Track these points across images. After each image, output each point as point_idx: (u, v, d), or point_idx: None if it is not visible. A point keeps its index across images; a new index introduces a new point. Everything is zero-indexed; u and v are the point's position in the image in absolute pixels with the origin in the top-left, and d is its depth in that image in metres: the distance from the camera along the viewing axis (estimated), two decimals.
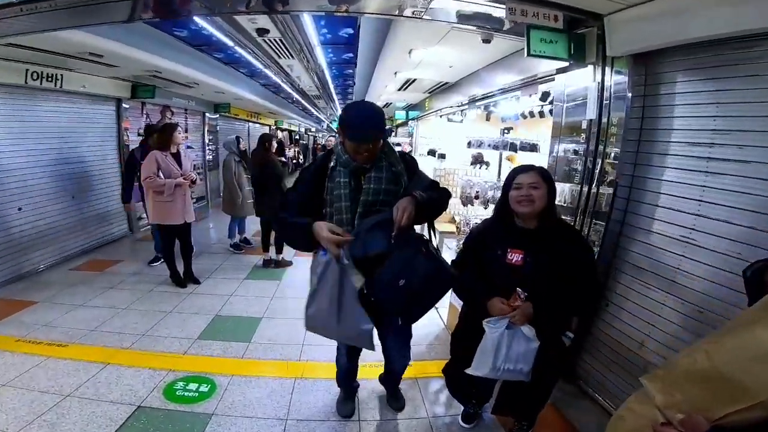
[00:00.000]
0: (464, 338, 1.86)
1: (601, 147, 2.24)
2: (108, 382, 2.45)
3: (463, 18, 2.37)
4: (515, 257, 1.63)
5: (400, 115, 8.74)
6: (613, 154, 2.18)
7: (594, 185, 2.30)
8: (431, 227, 1.83)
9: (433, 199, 1.64)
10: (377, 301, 1.55)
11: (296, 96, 9.19)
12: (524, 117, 3.85)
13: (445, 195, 1.78)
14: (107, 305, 3.53)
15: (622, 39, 2.03)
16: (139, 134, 6.00)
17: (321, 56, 5.60)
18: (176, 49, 4.77)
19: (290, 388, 2.50)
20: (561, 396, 2.35)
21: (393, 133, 11.40)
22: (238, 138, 5.01)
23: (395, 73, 5.06)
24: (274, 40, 4.71)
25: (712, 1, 1.55)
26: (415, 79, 5.44)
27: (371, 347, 1.65)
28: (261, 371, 2.66)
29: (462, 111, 5.49)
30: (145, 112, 6.25)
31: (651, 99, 2.05)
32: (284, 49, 5.15)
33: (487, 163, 4.59)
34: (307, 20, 3.68)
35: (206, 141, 8.48)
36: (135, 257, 4.92)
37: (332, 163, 1.64)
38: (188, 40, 4.82)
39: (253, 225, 6.05)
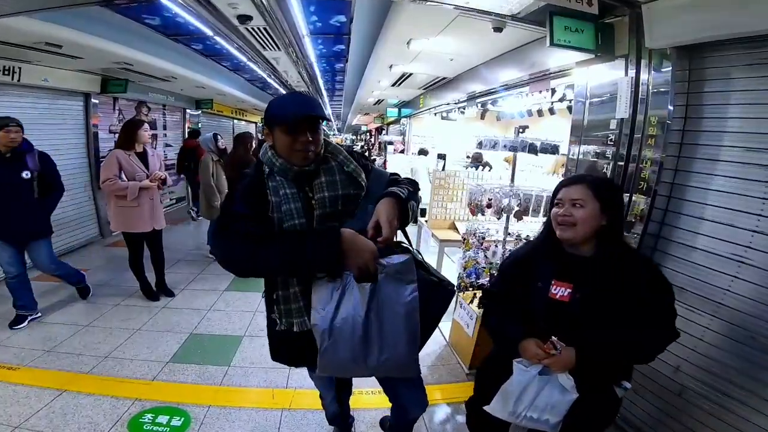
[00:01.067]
0: (493, 379, 1.54)
1: (634, 150, 1.98)
2: (64, 412, 2.14)
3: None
4: (560, 291, 1.30)
5: (392, 113, 8.44)
6: (649, 158, 1.91)
7: (625, 192, 2.04)
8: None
9: (413, 194, 1.32)
10: None
11: (283, 92, 8.84)
12: (530, 114, 3.62)
13: (418, 189, 1.43)
14: (67, 322, 3.13)
15: (665, 29, 1.76)
16: (110, 131, 5.62)
17: (310, 48, 5.27)
18: (149, 39, 4.38)
19: (277, 421, 2.20)
20: None
21: (384, 131, 11.11)
22: (215, 135, 4.54)
23: (390, 66, 4.76)
24: (258, 29, 4.36)
25: None
26: (410, 74, 5.16)
27: (418, 371, 1.35)
28: (243, 401, 2.35)
29: (460, 108, 5.21)
30: (117, 107, 5.85)
31: (696, 97, 1.78)
32: (270, 40, 4.79)
33: (489, 165, 4.34)
34: (295, 5, 3.32)
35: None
36: (104, 266, 4.48)
37: (267, 172, 1.27)
38: (161, 29, 4.42)
39: None
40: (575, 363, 1.23)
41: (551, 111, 3.98)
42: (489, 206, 2.27)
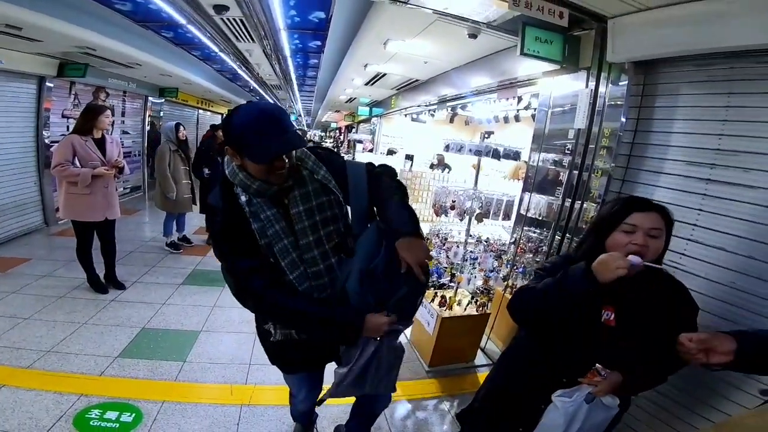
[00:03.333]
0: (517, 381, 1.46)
1: (588, 159, 2.10)
2: (2, 408, 2.01)
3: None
4: (606, 315, 1.20)
5: (364, 111, 8.43)
6: (601, 168, 2.03)
7: (578, 199, 2.16)
8: None
9: (414, 215, 1.29)
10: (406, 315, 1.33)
11: (254, 84, 8.61)
12: (497, 121, 3.74)
13: (404, 189, 1.40)
14: (6, 314, 2.89)
15: (627, 44, 1.88)
16: (63, 116, 5.32)
17: (286, 42, 5.18)
18: (115, 24, 4.17)
19: (236, 417, 2.14)
20: None
21: (354, 130, 11.08)
22: (178, 124, 4.41)
23: (365, 65, 4.76)
24: (234, 20, 4.25)
25: (755, 8, 1.38)
26: (385, 74, 5.18)
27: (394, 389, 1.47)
28: (199, 396, 2.26)
29: (430, 111, 5.30)
30: (73, 92, 5.51)
31: (647, 111, 1.92)
32: (244, 32, 4.68)
33: (449, 167, 4.45)
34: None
35: (147, 127, 7.69)
36: (47, 256, 4.16)
37: (243, 198, 1.18)
38: (130, 14, 4.22)
39: (197, 221, 5.49)
40: (620, 385, 1.17)
41: (516, 118, 4.14)
42: (452, 208, 2.33)
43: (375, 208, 1.33)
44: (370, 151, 7.54)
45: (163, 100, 8.09)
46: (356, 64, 4.80)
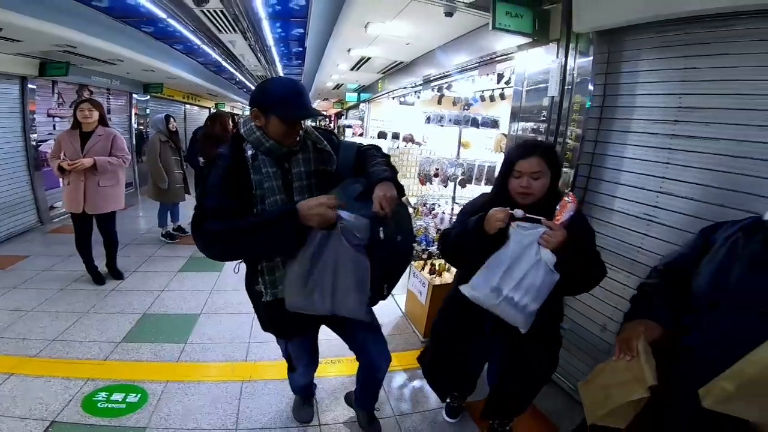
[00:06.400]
0: (450, 324, 1.70)
1: (562, 126, 2.19)
2: (12, 395, 2.08)
3: None
4: None
5: (352, 98, 8.44)
6: (574, 133, 2.13)
7: None
8: None
9: (394, 170, 1.43)
10: (380, 260, 1.35)
11: (239, 76, 8.56)
12: (483, 100, 3.81)
13: (389, 159, 1.54)
14: (8, 308, 2.97)
15: (590, 15, 1.95)
16: (48, 115, 5.32)
17: (268, 31, 5.17)
18: (94, 21, 4.17)
19: (237, 392, 2.24)
20: None
21: (344, 116, 11.08)
22: (167, 116, 4.48)
23: (349, 50, 4.79)
24: (215, 11, 4.25)
25: None
26: (369, 58, 5.21)
27: (366, 317, 1.43)
28: (201, 375, 2.37)
29: (416, 92, 5.35)
30: (56, 91, 5.51)
31: (613, 77, 2.00)
32: (226, 23, 4.67)
33: (419, 143, 4.57)
34: None
35: (134, 123, 7.66)
36: (45, 252, 4.24)
37: (249, 152, 1.34)
38: (108, 11, 4.24)
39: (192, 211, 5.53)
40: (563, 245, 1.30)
41: (502, 96, 4.19)
42: (436, 175, 2.42)
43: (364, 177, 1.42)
44: (360, 135, 7.59)
45: (148, 96, 8.04)
46: (340, 49, 4.82)
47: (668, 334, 1.12)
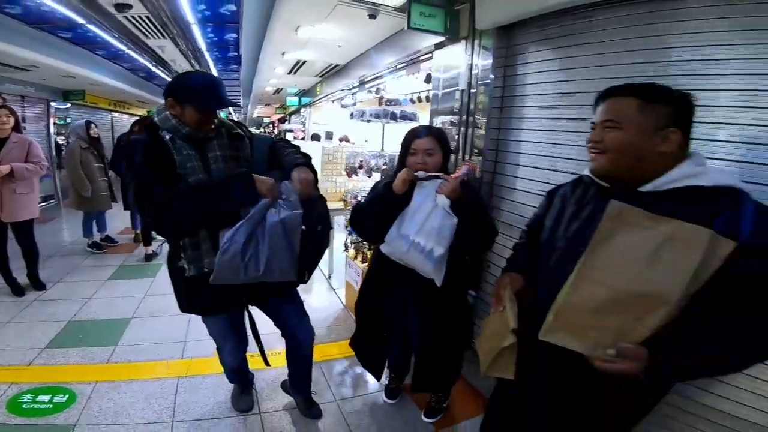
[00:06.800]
0: (371, 299, 1.88)
1: (471, 118, 2.42)
2: None
3: None
4: None
5: (293, 102, 8.43)
6: (482, 124, 2.37)
7: (467, 154, 2.49)
8: None
9: (307, 156, 1.56)
10: (304, 249, 1.49)
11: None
12: (413, 102, 4.04)
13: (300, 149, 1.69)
14: None
15: (488, 13, 2.19)
16: None
17: (199, 37, 5.07)
18: (5, 26, 3.96)
19: (173, 388, 2.22)
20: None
21: (287, 121, 11.00)
22: (88, 122, 4.28)
23: (283, 53, 4.84)
24: (140, 17, 4.11)
25: None
26: (305, 61, 5.29)
27: (295, 277, 1.51)
28: (134, 374, 2.32)
29: (353, 94, 5.50)
30: None
31: (510, 69, 2.26)
32: (152, 28, 4.52)
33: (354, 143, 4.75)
34: None
35: (52, 133, 7.11)
36: None
37: (167, 137, 1.41)
38: (21, 17, 4.00)
39: (120, 222, 5.26)
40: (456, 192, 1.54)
41: (428, 99, 4.44)
42: (361, 167, 2.57)
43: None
44: (302, 139, 7.60)
45: (68, 104, 7.51)
46: (274, 52, 4.86)
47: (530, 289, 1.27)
